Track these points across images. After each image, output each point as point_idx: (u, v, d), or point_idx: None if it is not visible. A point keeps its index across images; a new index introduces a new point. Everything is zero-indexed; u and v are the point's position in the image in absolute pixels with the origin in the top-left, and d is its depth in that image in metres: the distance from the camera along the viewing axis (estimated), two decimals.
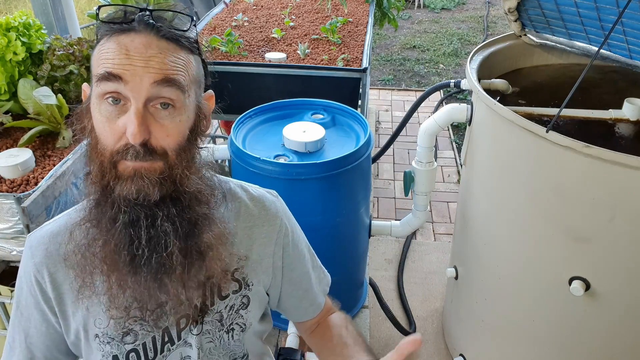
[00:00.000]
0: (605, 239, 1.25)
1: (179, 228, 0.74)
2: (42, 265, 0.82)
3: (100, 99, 0.70)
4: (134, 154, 0.70)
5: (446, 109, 1.69)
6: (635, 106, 1.46)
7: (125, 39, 0.70)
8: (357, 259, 1.86)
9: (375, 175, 3.32)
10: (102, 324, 0.82)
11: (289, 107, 1.78)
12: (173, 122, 0.72)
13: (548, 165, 1.29)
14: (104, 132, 0.71)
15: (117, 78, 0.68)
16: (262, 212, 0.92)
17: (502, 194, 1.48)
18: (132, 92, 0.68)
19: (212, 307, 0.87)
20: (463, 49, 5.48)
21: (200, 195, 0.77)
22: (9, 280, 1.44)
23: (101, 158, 0.72)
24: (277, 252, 0.93)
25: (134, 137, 0.68)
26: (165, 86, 0.70)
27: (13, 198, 1.20)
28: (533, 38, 1.82)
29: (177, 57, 0.72)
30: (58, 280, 0.82)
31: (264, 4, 3.00)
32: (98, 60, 0.71)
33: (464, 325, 1.90)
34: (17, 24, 1.49)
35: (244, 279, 0.89)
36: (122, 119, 0.70)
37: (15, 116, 1.50)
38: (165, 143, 0.72)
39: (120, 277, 0.74)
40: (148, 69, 0.69)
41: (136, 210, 0.72)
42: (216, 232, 0.79)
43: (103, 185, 0.72)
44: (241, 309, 0.90)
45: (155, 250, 0.73)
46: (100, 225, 0.74)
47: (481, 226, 1.63)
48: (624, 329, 1.37)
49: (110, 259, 0.74)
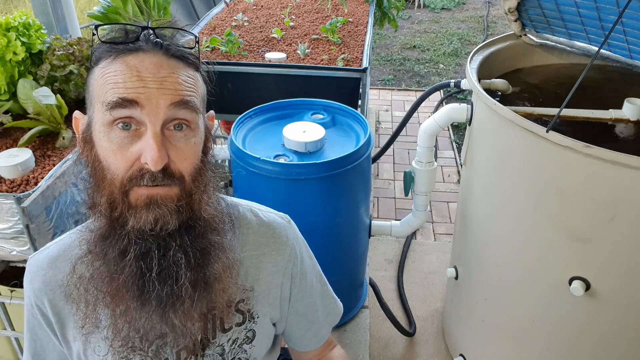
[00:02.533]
0: (606, 239, 1.25)
1: (191, 258, 0.70)
2: (40, 292, 0.80)
3: (109, 126, 0.66)
4: (151, 179, 0.65)
5: (446, 109, 1.69)
6: (635, 106, 1.46)
7: (134, 59, 0.66)
8: (357, 259, 1.86)
9: (375, 175, 3.32)
10: (101, 352, 0.80)
11: (289, 107, 1.78)
12: (188, 144, 0.69)
13: (548, 165, 1.29)
14: (114, 161, 0.66)
15: (132, 103, 0.64)
16: (271, 240, 0.86)
17: (502, 194, 1.48)
18: (148, 117, 0.64)
19: (214, 340, 0.83)
20: (463, 49, 5.48)
21: (214, 222, 0.74)
22: (9, 280, 1.44)
23: (110, 188, 0.67)
24: (285, 283, 0.88)
25: (155, 163, 0.64)
26: (182, 108, 0.66)
27: (13, 198, 1.20)
28: (533, 38, 1.82)
29: (187, 75, 0.69)
30: (58, 306, 0.80)
31: (264, 4, 3.00)
32: (104, 85, 0.66)
33: (464, 325, 1.90)
34: (17, 24, 1.49)
35: (249, 310, 0.85)
36: (137, 145, 0.65)
37: (15, 116, 1.50)
38: (182, 167, 0.68)
39: (126, 311, 0.71)
40: (163, 90, 0.65)
41: (148, 242, 0.68)
42: (225, 262, 0.75)
43: (114, 218, 0.68)
44: (245, 343, 0.86)
45: (166, 282, 0.69)
46: (106, 258, 0.70)
47: (481, 226, 1.63)
48: (624, 329, 1.37)
49: (117, 293, 0.70)
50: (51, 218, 1.30)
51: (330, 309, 0.99)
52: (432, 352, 2.11)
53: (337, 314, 1.01)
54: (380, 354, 2.11)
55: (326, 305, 0.98)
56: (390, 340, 2.17)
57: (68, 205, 1.35)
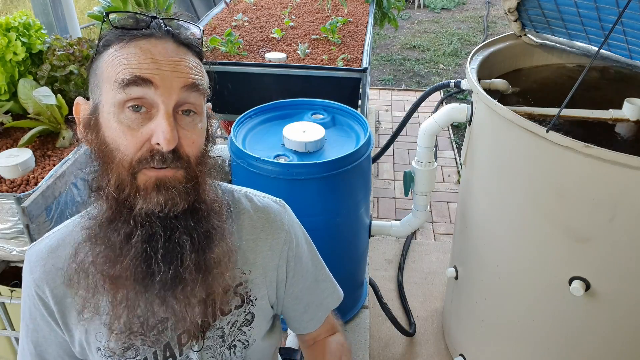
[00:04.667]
0: (605, 239, 1.25)
1: (195, 241, 0.71)
2: (41, 281, 0.80)
3: (121, 108, 0.66)
4: (160, 160, 0.66)
5: (446, 109, 1.69)
6: (635, 106, 1.46)
7: (147, 44, 0.67)
8: (357, 259, 1.86)
9: (375, 175, 3.32)
10: (103, 338, 0.81)
11: (289, 107, 1.78)
12: (195, 128, 0.71)
13: (548, 165, 1.29)
14: (124, 142, 0.66)
15: (147, 82, 0.65)
16: (266, 224, 0.88)
17: (502, 194, 1.48)
18: (162, 97, 0.66)
19: (214, 323, 0.84)
20: (463, 49, 5.48)
21: (216, 206, 0.76)
22: (9, 280, 1.44)
23: (119, 170, 0.67)
24: (281, 266, 0.89)
25: (167, 143, 0.65)
26: (193, 91, 0.69)
27: (13, 198, 1.20)
28: (533, 38, 1.82)
29: (195, 62, 0.71)
30: (59, 294, 0.80)
31: (264, 4, 3.00)
32: (116, 66, 0.67)
33: (464, 325, 1.90)
34: (17, 24, 1.49)
35: (247, 293, 0.86)
36: (148, 126, 0.66)
37: (15, 116, 1.50)
38: (190, 150, 0.70)
39: (128, 295, 0.72)
40: (176, 73, 0.67)
41: (155, 225, 0.68)
42: (225, 247, 0.76)
43: (121, 200, 0.68)
44: (244, 325, 0.88)
45: (171, 264, 0.69)
46: (110, 242, 0.70)
47: (481, 226, 1.63)
48: (624, 329, 1.37)
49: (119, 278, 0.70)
50: (51, 218, 1.30)
51: (329, 292, 0.99)
52: (432, 352, 2.11)
53: (336, 298, 1.01)
54: (380, 354, 2.11)
55: (323, 289, 0.98)
56: (390, 340, 2.17)
57: (68, 205, 1.36)
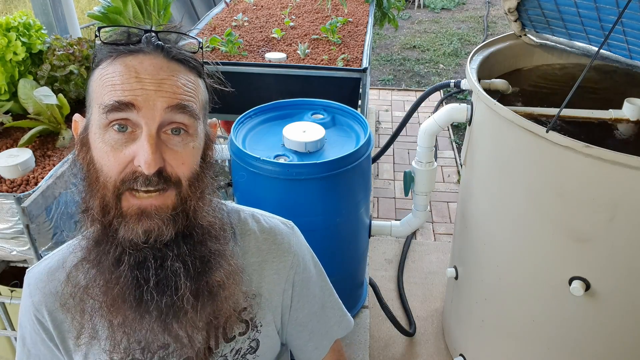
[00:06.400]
0: (605, 239, 1.25)
1: (190, 268, 0.68)
2: (40, 305, 0.78)
3: (105, 128, 0.64)
4: (144, 182, 0.63)
5: (446, 109, 1.69)
6: (635, 106, 1.46)
7: (133, 60, 0.65)
8: (357, 259, 1.86)
9: (375, 175, 3.32)
10: None
11: (289, 107, 1.78)
12: (186, 148, 0.67)
13: (548, 165, 1.29)
14: (107, 162, 0.64)
15: (129, 106, 0.62)
16: (273, 246, 0.85)
17: (502, 194, 1.48)
18: (144, 119, 0.63)
19: (217, 349, 0.81)
20: (463, 49, 5.48)
21: (213, 229, 0.72)
22: (9, 280, 1.44)
23: (103, 192, 0.65)
24: (286, 290, 0.86)
25: (148, 166, 0.62)
26: (179, 112, 0.65)
27: (13, 198, 1.20)
28: (533, 38, 1.82)
29: (187, 79, 0.67)
30: (58, 318, 0.78)
31: (264, 4, 3.00)
32: (102, 87, 0.65)
33: (464, 325, 1.90)
34: (17, 24, 1.49)
35: (252, 319, 0.83)
36: (131, 147, 0.64)
37: (15, 116, 1.50)
38: (180, 171, 0.66)
39: (124, 322, 0.69)
40: (161, 92, 0.64)
41: (143, 252, 0.66)
42: (228, 269, 0.73)
43: (105, 223, 0.66)
44: (249, 353, 0.84)
45: (165, 292, 0.67)
46: (101, 266, 0.67)
47: (481, 226, 1.63)
48: (624, 329, 1.37)
49: (113, 304, 0.68)
50: (51, 218, 1.30)
51: (335, 320, 0.95)
52: (432, 352, 2.11)
53: (344, 327, 0.96)
54: (380, 353, 2.11)
55: (330, 317, 0.94)
56: (390, 340, 2.17)
57: (68, 205, 1.36)
